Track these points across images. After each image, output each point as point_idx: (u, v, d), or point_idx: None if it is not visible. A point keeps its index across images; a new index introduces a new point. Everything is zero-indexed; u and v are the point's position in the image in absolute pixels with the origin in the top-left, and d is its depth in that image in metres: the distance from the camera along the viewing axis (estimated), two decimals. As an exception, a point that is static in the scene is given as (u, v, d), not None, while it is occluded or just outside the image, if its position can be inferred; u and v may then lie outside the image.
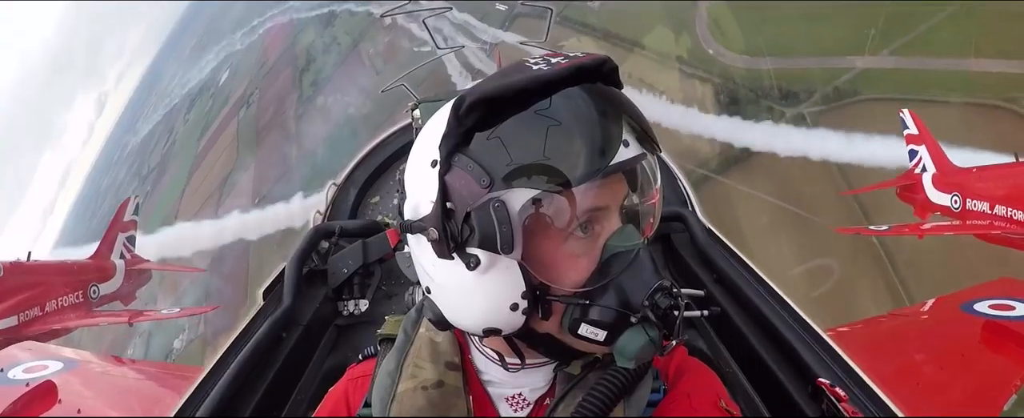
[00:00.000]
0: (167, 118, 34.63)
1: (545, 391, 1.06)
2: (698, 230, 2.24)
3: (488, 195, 0.88)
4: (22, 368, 3.81)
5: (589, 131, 0.89)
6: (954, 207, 7.11)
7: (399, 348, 1.12)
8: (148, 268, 9.93)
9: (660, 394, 1.04)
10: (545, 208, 0.90)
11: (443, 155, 0.92)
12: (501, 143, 0.89)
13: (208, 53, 35.18)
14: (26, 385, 3.62)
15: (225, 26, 35.81)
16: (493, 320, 0.94)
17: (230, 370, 1.63)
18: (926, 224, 7.49)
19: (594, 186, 0.90)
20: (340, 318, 2.22)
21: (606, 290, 0.91)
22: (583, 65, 0.91)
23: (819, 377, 1.47)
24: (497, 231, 0.88)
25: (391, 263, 2.33)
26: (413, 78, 3.09)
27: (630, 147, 0.91)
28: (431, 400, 1.03)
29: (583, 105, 0.91)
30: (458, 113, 0.89)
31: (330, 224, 2.40)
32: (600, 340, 0.91)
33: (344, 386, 1.18)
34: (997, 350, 3.34)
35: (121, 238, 9.53)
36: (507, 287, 0.92)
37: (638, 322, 0.90)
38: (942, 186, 7.39)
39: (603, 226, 0.93)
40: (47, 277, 7.93)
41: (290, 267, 2.09)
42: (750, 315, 1.81)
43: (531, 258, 0.92)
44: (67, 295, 8.05)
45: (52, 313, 7.72)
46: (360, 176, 2.74)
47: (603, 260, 0.92)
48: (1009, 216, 6.32)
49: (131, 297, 9.38)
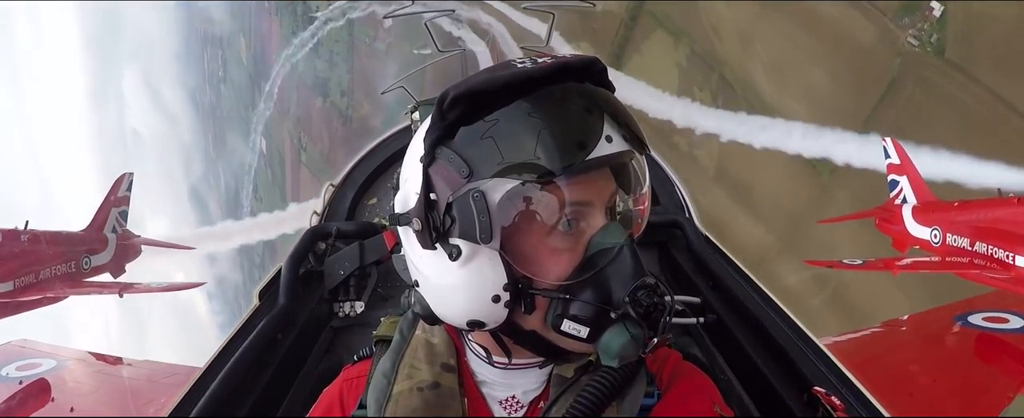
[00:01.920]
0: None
1: (539, 393, 1.06)
2: (695, 237, 2.24)
3: (467, 185, 0.91)
4: (15, 366, 3.80)
5: (568, 125, 0.91)
6: (934, 242, 6.89)
7: (395, 349, 1.12)
8: (138, 243, 10.12)
9: (654, 398, 1.04)
10: (525, 200, 0.92)
11: (427, 147, 0.95)
12: (483, 136, 0.91)
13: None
14: (19, 383, 3.61)
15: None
16: (476, 312, 0.96)
17: (225, 370, 1.63)
18: (903, 260, 7.24)
19: (575, 181, 0.91)
20: (336, 320, 2.22)
21: (587, 286, 0.92)
22: (567, 64, 0.94)
23: (815, 385, 1.48)
24: (476, 221, 0.90)
25: (387, 265, 2.32)
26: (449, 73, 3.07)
27: (613, 143, 0.92)
28: (427, 401, 1.03)
29: (564, 101, 0.92)
30: (442, 107, 0.92)
31: (327, 225, 2.40)
32: (583, 337, 0.92)
33: (339, 386, 1.18)
34: (991, 362, 3.35)
35: (114, 213, 9.69)
36: (489, 278, 0.93)
37: (618, 319, 0.90)
38: (922, 219, 7.18)
39: (588, 223, 0.94)
40: (42, 246, 8.09)
41: (286, 268, 2.09)
42: (746, 323, 1.82)
43: (513, 251, 0.93)
44: (61, 264, 8.21)
45: (46, 281, 7.89)
46: (358, 177, 2.74)
47: (587, 257, 0.93)
48: (989, 253, 6.07)
49: (120, 270, 9.56)
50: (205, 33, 25.36)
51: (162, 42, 27.29)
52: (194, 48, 26.28)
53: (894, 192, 7.79)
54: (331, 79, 20.75)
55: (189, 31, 26.70)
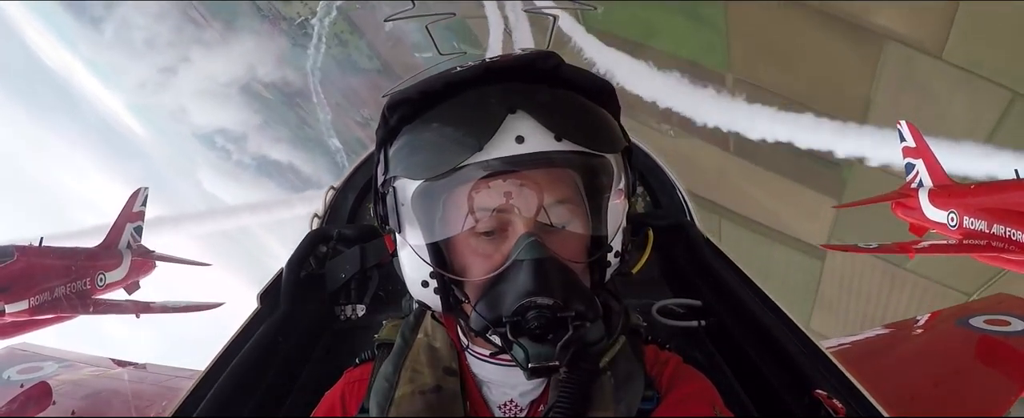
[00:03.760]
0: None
1: (538, 396, 1.07)
2: (696, 239, 2.24)
3: (384, 181, 1.03)
4: (17, 369, 3.80)
5: (458, 128, 0.94)
6: (951, 225, 6.78)
7: (397, 353, 1.12)
8: (153, 259, 9.93)
9: (653, 402, 1.04)
10: (431, 199, 0.97)
11: (376, 146, 1.06)
12: (402, 138, 1.00)
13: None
14: (21, 386, 3.61)
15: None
16: (416, 292, 1.06)
17: (226, 373, 1.63)
18: (920, 243, 7.15)
19: (485, 184, 0.95)
20: (337, 323, 2.22)
21: (485, 297, 0.95)
22: (491, 66, 0.98)
23: (817, 388, 1.47)
24: (391, 213, 1.02)
25: (389, 268, 2.31)
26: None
27: (526, 143, 0.92)
28: (429, 404, 1.04)
29: (471, 104, 0.96)
30: (384, 111, 1.02)
31: (328, 228, 2.40)
32: (498, 343, 0.95)
33: (340, 389, 1.18)
34: (993, 365, 3.34)
35: (129, 228, 9.55)
36: (417, 265, 1.02)
37: (500, 334, 0.92)
38: (939, 202, 7.04)
39: (511, 232, 0.96)
40: (57, 262, 7.98)
41: (287, 271, 2.09)
42: (748, 325, 1.81)
43: (445, 246, 1.01)
44: (75, 281, 8.09)
45: (61, 299, 7.77)
46: (359, 180, 2.72)
47: (505, 268, 0.95)
48: (1008, 236, 5.98)
49: (135, 286, 9.40)
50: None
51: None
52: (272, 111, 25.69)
53: (910, 176, 7.68)
54: (352, 54, 21.04)
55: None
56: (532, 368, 0.88)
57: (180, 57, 22.01)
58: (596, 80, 1.04)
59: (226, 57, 21.75)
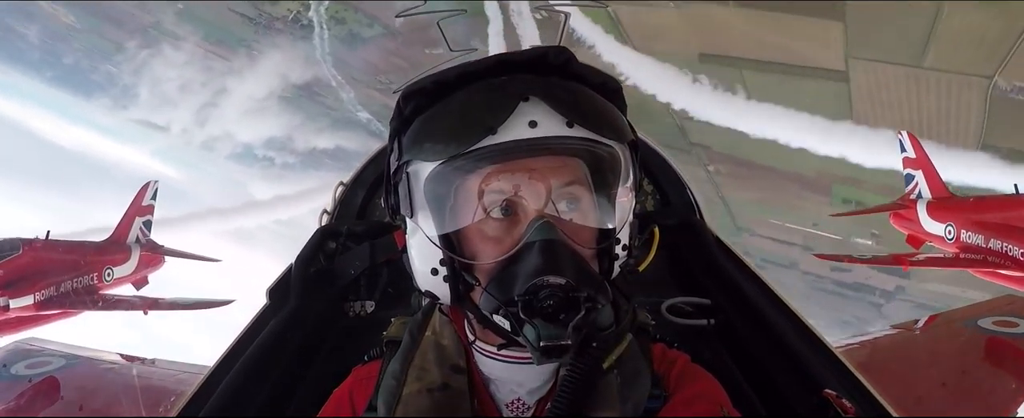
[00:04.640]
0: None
1: (545, 393, 1.06)
2: (706, 239, 2.23)
3: (398, 165, 1.03)
4: (25, 364, 3.81)
5: (473, 112, 0.96)
6: (948, 238, 6.75)
7: (405, 350, 1.12)
8: (162, 253, 9.90)
9: (660, 401, 1.04)
10: (444, 183, 0.97)
11: (390, 136, 1.06)
12: (416, 125, 1.01)
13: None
14: (29, 381, 3.63)
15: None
16: (424, 282, 1.06)
17: (235, 370, 1.63)
18: (916, 256, 7.09)
19: (498, 168, 0.96)
20: (346, 319, 2.21)
21: (496, 278, 0.95)
22: (505, 58, 1.01)
23: (825, 388, 1.47)
24: (403, 197, 1.02)
25: (398, 265, 2.31)
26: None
27: (539, 128, 0.94)
28: (436, 403, 1.04)
29: (486, 91, 0.98)
30: (398, 102, 1.02)
31: (337, 225, 2.40)
32: (507, 328, 0.94)
33: (348, 386, 1.19)
34: (1001, 367, 3.32)
35: (138, 222, 9.55)
36: (427, 251, 1.02)
37: (509, 315, 0.92)
38: (937, 215, 7.02)
39: (521, 216, 0.97)
40: (64, 256, 7.93)
41: (296, 267, 2.09)
42: (756, 325, 1.81)
43: (456, 232, 1.00)
44: (82, 276, 8.06)
45: (67, 294, 7.73)
46: (368, 176, 2.72)
47: (517, 249, 0.95)
48: (1004, 251, 5.93)
49: (144, 281, 9.39)
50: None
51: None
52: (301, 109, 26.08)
53: (909, 187, 7.67)
54: (353, 28, 21.19)
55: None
56: (544, 347, 0.87)
57: (217, 90, 22.91)
58: (605, 77, 1.06)
59: (255, 75, 22.33)
